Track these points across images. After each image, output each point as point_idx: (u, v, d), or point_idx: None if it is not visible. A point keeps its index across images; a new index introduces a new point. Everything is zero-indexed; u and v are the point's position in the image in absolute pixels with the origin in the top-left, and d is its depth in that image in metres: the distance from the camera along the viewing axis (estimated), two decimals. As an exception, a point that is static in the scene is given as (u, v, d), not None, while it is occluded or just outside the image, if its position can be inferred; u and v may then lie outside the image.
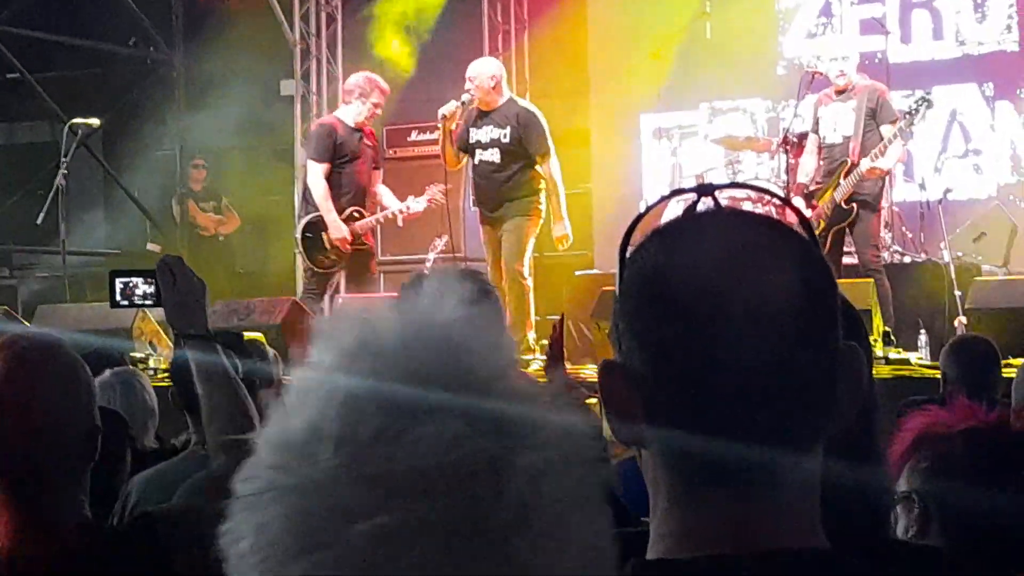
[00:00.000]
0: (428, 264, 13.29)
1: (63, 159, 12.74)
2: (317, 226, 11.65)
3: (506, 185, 11.26)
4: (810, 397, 1.51)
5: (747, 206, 10.12)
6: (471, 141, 11.40)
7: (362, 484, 1.11)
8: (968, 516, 2.54)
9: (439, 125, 11.53)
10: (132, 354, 10.22)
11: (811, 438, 1.53)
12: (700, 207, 1.61)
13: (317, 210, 11.58)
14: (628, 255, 1.58)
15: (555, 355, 4.33)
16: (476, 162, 11.45)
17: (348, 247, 11.65)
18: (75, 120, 13.31)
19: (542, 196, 11.26)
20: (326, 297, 15.05)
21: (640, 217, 1.65)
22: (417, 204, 11.77)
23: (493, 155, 11.27)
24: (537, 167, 11.28)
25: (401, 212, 11.76)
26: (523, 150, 11.25)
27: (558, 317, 4.89)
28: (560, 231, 11.33)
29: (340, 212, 11.56)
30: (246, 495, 1.14)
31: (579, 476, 1.16)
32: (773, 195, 1.95)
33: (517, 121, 11.26)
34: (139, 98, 17.23)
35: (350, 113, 11.64)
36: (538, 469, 1.13)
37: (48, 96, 15.75)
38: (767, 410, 1.49)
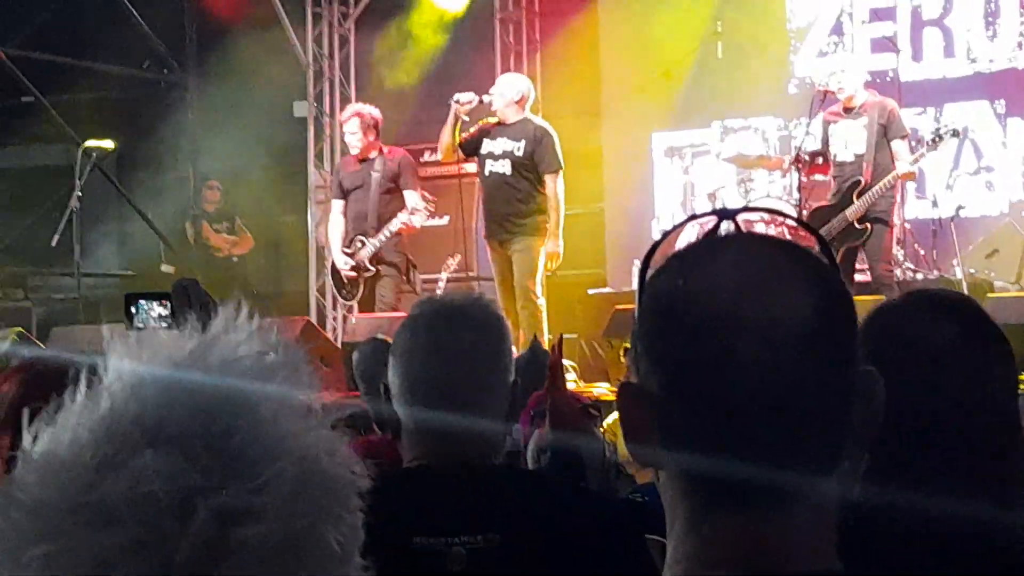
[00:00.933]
0: (441, 284, 13.31)
1: (77, 181, 12.79)
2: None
3: (514, 199, 11.29)
4: (825, 420, 1.52)
5: (760, 227, 10.11)
6: (483, 151, 11.42)
7: (50, 510, 1.10)
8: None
9: (450, 104, 11.53)
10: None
11: (827, 461, 1.53)
12: (720, 231, 1.62)
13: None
14: (647, 278, 1.60)
15: (554, 378, 4.24)
16: (486, 173, 11.47)
17: (356, 275, 11.75)
18: (89, 143, 13.35)
19: (544, 216, 11.29)
20: (339, 318, 15.11)
21: (660, 241, 1.66)
22: (415, 219, 11.76)
23: (504, 167, 11.31)
24: (545, 184, 11.30)
25: (401, 229, 11.77)
26: (534, 165, 11.29)
27: (573, 336, 4.87)
28: (552, 248, 11.30)
29: (349, 243, 11.73)
30: None
31: (299, 524, 1.12)
32: (793, 219, 1.96)
33: (532, 136, 11.31)
34: (153, 120, 17.28)
35: (352, 146, 11.90)
36: (237, 511, 1.10)
37: (62, 119, 15.80)
38: (782, 433, 1.50)
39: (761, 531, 1.52)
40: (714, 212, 1.65)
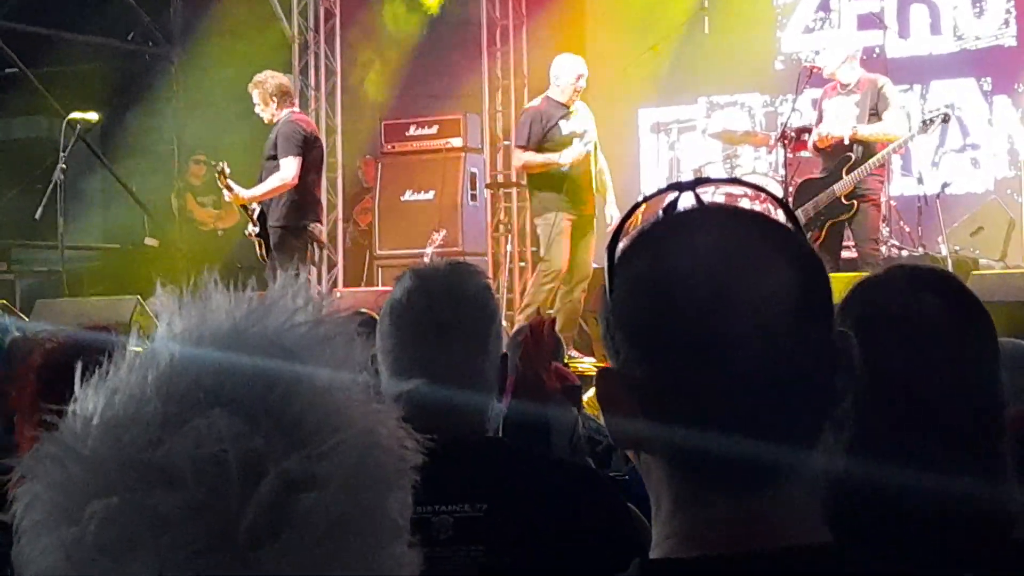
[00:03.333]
0: (426, 258, 13.29)
1: (61, 154, 12.73)
2: None
3: (593, 175, 11.48)
4: (810, 391, 1.52)
5: (745, 203, 10.15)
6: (564, 133, 11.43)
7: (111, 464, 1.08)
8: None
9: (556, 161, 11.43)
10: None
11: (813, 433, 1.53)
12: (682, 204, 1.61)
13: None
14: (616, 260, 1.58)
15: (529, 351, 4.21)
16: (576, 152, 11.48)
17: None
18: (73, 115, 13.29)
19: None
20: (324, 292, 15.05)
21: (622, 223, 1.64)
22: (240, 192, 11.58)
23: (589, 146, 11.43)
24: (598, 157, 11.62)
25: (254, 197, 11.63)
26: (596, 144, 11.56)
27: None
28: (616, 211, 11.63)
29: None
30: (33, 460, 1.12)
31: (362, 497, 1.12)
32: (753, 186, 1.94)
33: (590, 114, 11.63)
34: (137, 93, 17.23)
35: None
36: (302, 478, 1.09)
37: (46, 91, 15.74)
38: (768, 407, 1.50)
39: (754, 508, 1.52)
40: (672, 186, 1.63)
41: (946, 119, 11.35)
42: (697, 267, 1.51)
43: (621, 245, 1.59)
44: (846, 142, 11.09)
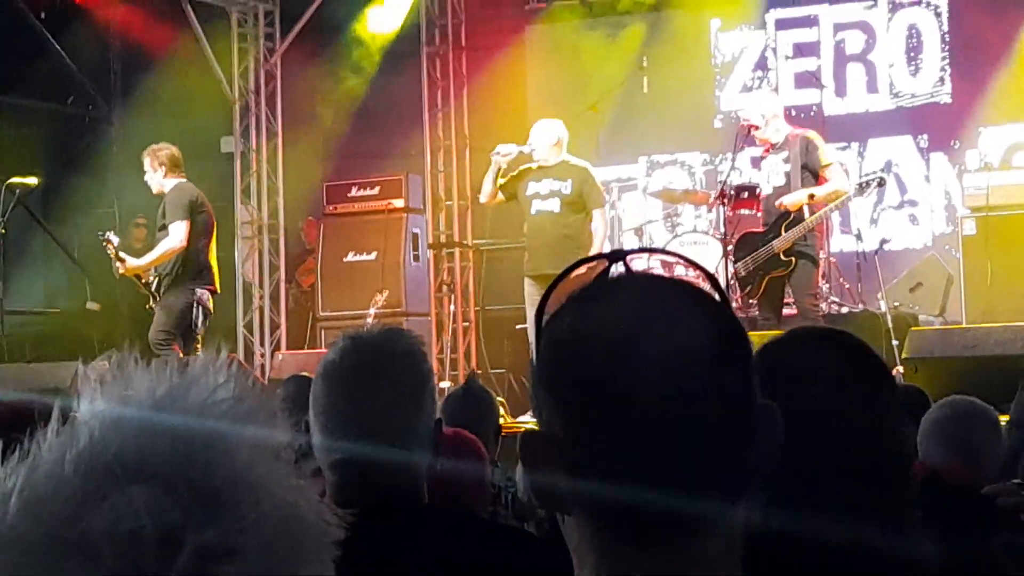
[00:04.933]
0: (369, 320, 13.28)
1: (0, 218, 12.67)
2: None
3: (562, 235, 11.44)
4: (727, 453, 1.53)
5: (680, 270, 10.17)
6: (528, 193, 11.57)
7: (29, 541, 1.08)
8: None
9: (493, 158, 11.68)
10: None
11: (734, 491, 1.55)
12: (614, 272, 1.64)
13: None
14: (543, 323, 1.60)
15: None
16: (533, 212, 11.57)
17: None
18: (12, 179, 13.24)
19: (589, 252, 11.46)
20: (266, 354, 15.03)
21: (552, 288, 1.67)
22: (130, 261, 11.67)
23: (553, 205, 11.51)
24: (592, 219, 11.58)
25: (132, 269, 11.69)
26: (582, 203, 11.52)
27: (502, 371, 4.88)
28: None
29: None
30: None
31: (280, 569, 1.12)
32: (681, 257, 1.97)
33: (578, 174, 11.60)
34: (77, 156, 17.18)
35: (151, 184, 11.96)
36: (220, 550, 1.09)
37: (-15, 154, 15.66)
38: (687, 465, 1.51)
39: (674, 563, 1.53)
40: (603, 255, 1.66)
41: (881, 183, 11.46)
42: (611, 325, 1.53)
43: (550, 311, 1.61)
44: (806, 211, 11.12)
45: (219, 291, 11.95)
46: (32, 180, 13.84)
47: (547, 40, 16.27)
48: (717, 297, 1.62)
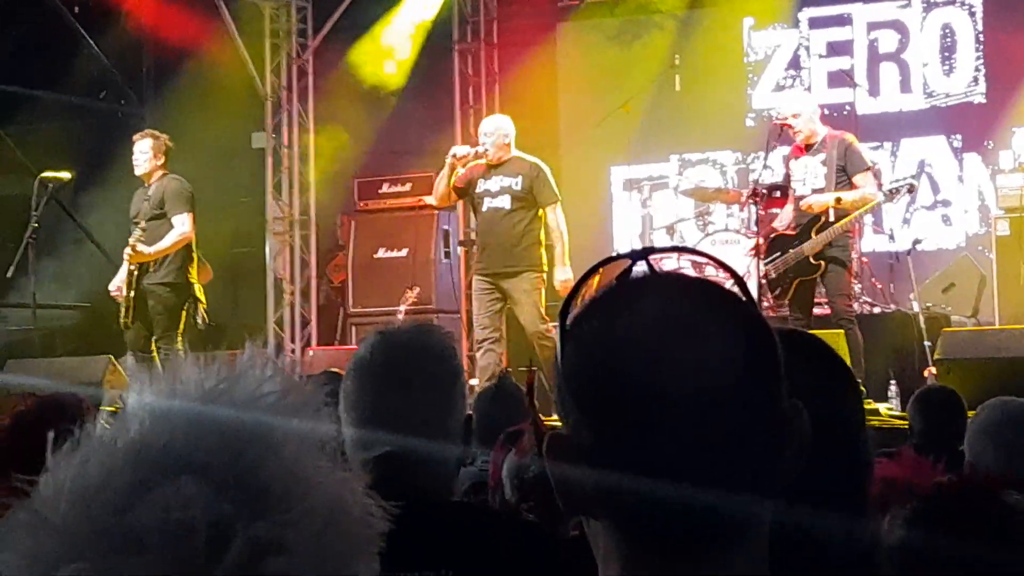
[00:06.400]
0: (399, 316, 13.28)
1: (33, 212, 12.70)
2: None
3: (514, 232, 11.39)
4: (757, 460, 1.53)
5: (710, 270, 10.14)
6: (479, 190, 11.51)
7: (81, 532, 1.09)
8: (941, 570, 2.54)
9: (448, 160, 11.63)
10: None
11: (760, 499, 1.54)
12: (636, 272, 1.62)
13: None
14: (568, 326, 1.59)
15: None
16: (484, 209, 11.54)
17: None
18: (45, 173, 13.28)
19: (543, 248, 11.41)
20: (297, 350, 15.06)
21: (577, 288, 1.65)
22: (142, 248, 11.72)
23: (503, 202, 11.43)
24: (546, 217, 11.50)
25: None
26: (533, 199, 11.44)
27: (533, 369, 4.87)
28: (563, 275, 11.37)
29: None
30: (3, 529, 1.13)
31: (329, 562, 1.13)
32: (707, 256, 1.95)
33: (528, 171, 11.48)
34: (110, 151, 17.19)
35: (139, 166, 12.11)
36: (270, 543, 1.10)
37: (19, 149, 15.72)
38: (719, 473, 1.50)
39: (704, 572, 1.52)
40: (626, 255, 1.64)
41: (911, 189, 11.39)
42: (640, 331, 1.52)
43: (575, 311, 1.60)
44: (832, 215, 11.04)
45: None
46: (65, 175, 13.86)
47: (579, 37, 16.25)
48: (742, 296, 1.61)
